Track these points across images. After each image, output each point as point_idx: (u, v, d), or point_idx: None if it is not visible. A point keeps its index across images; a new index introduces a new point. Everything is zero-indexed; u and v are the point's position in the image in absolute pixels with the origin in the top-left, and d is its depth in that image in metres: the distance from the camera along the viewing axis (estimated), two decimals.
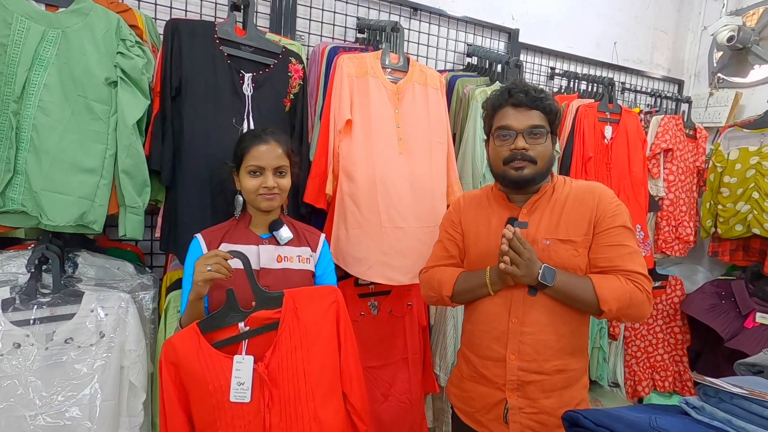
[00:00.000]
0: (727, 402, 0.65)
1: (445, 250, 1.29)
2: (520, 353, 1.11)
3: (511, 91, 1.13)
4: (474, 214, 1.25)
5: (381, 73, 1.57)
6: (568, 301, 1.09)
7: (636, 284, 1.06)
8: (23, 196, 1.16)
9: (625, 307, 1.05)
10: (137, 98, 1.29)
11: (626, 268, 1.07)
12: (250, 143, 1.20)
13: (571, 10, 2.53)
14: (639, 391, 2.41)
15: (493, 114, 1.17)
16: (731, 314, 2.21)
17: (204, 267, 1.03)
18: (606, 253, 1.10)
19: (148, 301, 1.38)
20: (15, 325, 1.15)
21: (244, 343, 1.05)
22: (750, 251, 2.32)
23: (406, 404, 1.64)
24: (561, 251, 1.11)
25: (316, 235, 1.32)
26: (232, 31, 1.43)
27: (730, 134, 2.37)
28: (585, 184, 1.19)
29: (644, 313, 1.08)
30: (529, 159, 1.11)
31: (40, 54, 1.17)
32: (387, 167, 1.51)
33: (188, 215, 1.37)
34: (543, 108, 1.12)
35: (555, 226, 1.13)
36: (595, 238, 1.11)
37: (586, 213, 1.12)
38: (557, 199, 1.16)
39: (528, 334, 1.11)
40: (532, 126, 1.11)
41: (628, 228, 1.12)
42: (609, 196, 1.14)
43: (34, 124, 1.16)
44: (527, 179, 1.12)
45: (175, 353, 1.02)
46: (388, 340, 1.65)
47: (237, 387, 1.01)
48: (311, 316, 1.09)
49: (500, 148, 1.14)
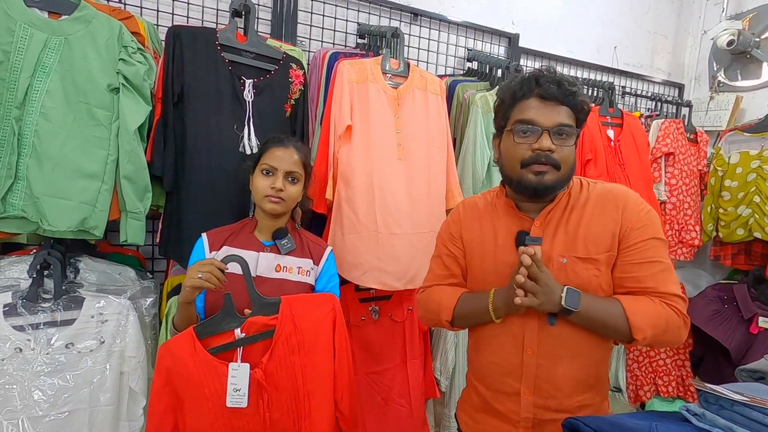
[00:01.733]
0: (727, 409, 0.65)
1: (444, 267, 1.12)
2: (537, 388, 0.96)
3: (540, 80, 0.94)
4: (477, 226, 1.08)
5: (381, 78, 1.57)
6: (594, 329, 0.93)
7: (672, 308, 0.91)
8: (24, 201, 1.17)
9: (661, 334, 0.90)
10: (139, 104, 1.30)
11: (660, 290, 0.91)
12: (270, 145, 1.22)
13: (571, 15, 2.53)
14: (641, 395, 2.39)
15: (512, 104, 0.97)
16: (734, 320, 2.20)
17: (196, 273, 1.02)
18: (635, 272, 0.93)
19: (149, 306, 1.38)
20: (16, 330, 1.15)
21: (239, 350, 1.05)
22: (752, 255, 2.31)
23: (406, 409, 1.64)
24: (580, 271, 0.94)
25: (322, 248, 1.29)
26: (234, 37, 1.44)
27: (730, 138, 2.37)
28: (606, 188, 1.01)
29: (680, 339, 0.93)
30: (553, 163, 0.93)
31: (42, 61, 1.17)
32: (385, 173, 1.51)
33: (189, 220, 1.37)
34: (575, 105, 0.94)
35: (572, 242, 0.96)
36: (621, 255, 0.94)
37: (609, 225, 0.95)
38: (574, 207, 0.99)
39: (545, 368, 0.95)
40: (561, 124, 0.93)
41: (660, 240, 0.95)
42: (635, 203, 0.97)
43: (36, 130, 1.16)
44: (548, 187, 0.94)
45: (171, 358, 1.03)
46: (389, 344, 1.65)
47: (233, 393, 1.02)
48: (308, 323, 1.08)
49: (519, 147, 0.95)
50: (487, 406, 1.04)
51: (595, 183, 1.03)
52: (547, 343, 0.95)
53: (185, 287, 1.04)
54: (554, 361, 0.95)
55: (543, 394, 0.96)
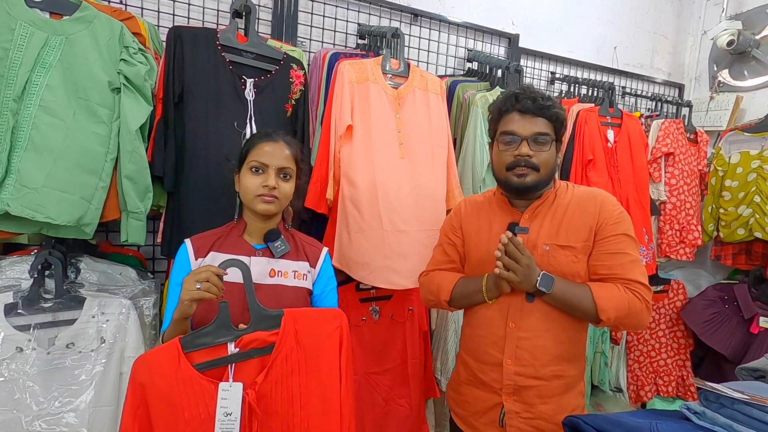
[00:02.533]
0: (728, 407, 0.65)
1: (445, 254, 1.29)
2: (517, 358, 1.11)
3: (519, 97, 1.12)
4: (475, 219, 1.25)
5: (382, 78, 1.58)
6: (566, 309, 1.09)
7: (635, 293, 1.06)
8: (12, 196, 1.13)
9: (624, 317, 1.05)
10: (140, 104, 1.30)
11: (626, 277, 1.07)
12: (257, 140, 1.12)
13: (572, 15, 2.53)
14: (642, 396, 2.39)
15: (499, 118, 1.16)
16: (734, 320, 2.20)
17: (193, 284, 0.91)
18: (606, 260, 1.09)
19: (150, 306, 1.38)
20: (17, 329, 1.15)
21: (230, 368, 0.91)
22: (752, 255, 2.31)
23: (406, 409, 1.64)
24: (560, 257, 1.10)
25: (318, 249, 1.21)
26: (234, 37, 1.44)
27: (731, 138, 2.37)
28: (587, 190, 1.18)
29: (643, 322, 1.08)
30: (533, 166, 1.10)
31: (42, 58, 1.17)
32: (388, 171, 1.51)
33: (190, 220, 1.37)
34: (549, 116, 1.11)
35: (555, 232, 1.12)
36: (595, 246, 1.11)
37: (588, 219, 1.11)
38: (559, 205, 1.15)
39: (525, 339, 1.11)
40: (537, 133, 1.10)
41: (629, 236, 1.11)
42: (611, 204, 1.13)
43: (35, 123, 1.15)
44: (529, 186, 1.12)
45: (148, 372, 0.88)
46: (389, 345, 1.65)
47: (223, 419, 0.87)
48: (312, 340, 0.97)
49: (504, 154, 1.14)
50: (473, 378, 1.20)
51: (579, 187, 1.21)
52: (527, 319, 1.11)
53: (183, 301, 0.92)
54: (533, 334, 1.10)
55: (523, 363, 1.10)
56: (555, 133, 1.13)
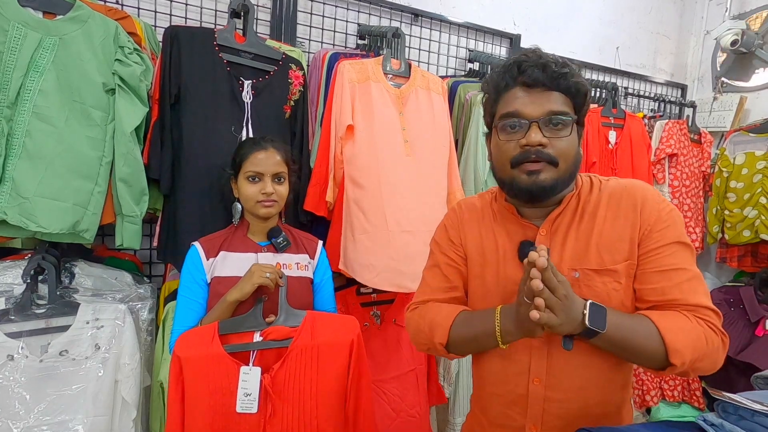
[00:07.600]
0: (747, 419, 0.62)
1: (444, 278, 0.93)
2: (545, 425, 0.82)
3: (522, 66, 0.79)
4: (476, 232, 0.92)
5: (383, 78, 1.55)
6: (620, 353, 0.76)
7: (708, 324, 0.75)
8: (7, 204, 1.12)
9: (700, 358, 0.73)
10: (135, 106, 1.28)
11: (689, 302, 0.76)
12: (249, 150, 1.21)
13: (573, 15, 2.51)
14: (647, 400, 2.36)
15: (497, 98, 0.83)
16: (740, 323, 2.16)
17: (263, 273, 1.10)
18: (657, 281, 0.78)
19: (145, 311, 1.35)
20: (9, 336, 1.12)
21: (252, 353, 1.07)
22: (759, 257, 2.28)
23: (416, 419, 1.58)
24: (597, 286, 0.79)
25: (314, 242, 1.33)
26: (232, 38, 1.42)
27: (735, 138, 2.34)
28: (621, 185, 0.85)
29: (718, 363, 0.76)
30: (548, 159, 0.78)
31: (36, 60, 1.15)
32: (393, 170, 1.48)
33: (187, 224, 1.34)
34: (567, 88, 0.79)
35: (584, 251, 0.81)
36: (640, 262, 0.79)
37: (627, 228, 0.80)
38: (585, 210, 0.84)
39: (555, 402, 0.81)
40: (551, 112, 0.78)
41: (684, 244, 0.80)
42: (654, 200, 0.81)
43: (28, 130, 1.14)
44: (544, 188, 0.79)
45: (185, 347, 1.04)
46: (394, 351, 1.61)
47: (244, 398, 1.02)
48: (327, 339, 1.09)
49: (506, 144, 0.80)
50: None
51: (608, 180, 0.87)
52: (557, 372, 0.80)
53: (249, 283, 1.09)
54: (567, 395, 0.80)
55: (552, 430, 0.81)
56: (576, 112, 0.81)
